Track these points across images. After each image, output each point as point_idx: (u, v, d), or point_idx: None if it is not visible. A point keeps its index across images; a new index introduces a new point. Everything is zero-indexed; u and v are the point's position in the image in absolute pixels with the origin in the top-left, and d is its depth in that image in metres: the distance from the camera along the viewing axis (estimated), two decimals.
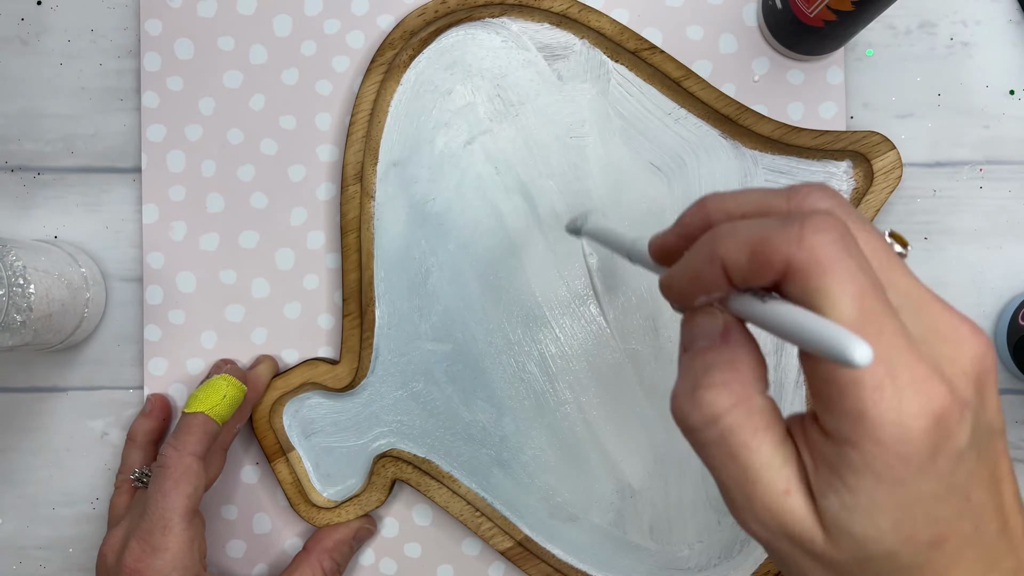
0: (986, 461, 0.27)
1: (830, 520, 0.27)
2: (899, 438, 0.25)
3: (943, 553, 0.27)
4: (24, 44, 0.49)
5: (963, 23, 0.49)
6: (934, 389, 0.25)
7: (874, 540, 0.26)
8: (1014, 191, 0.49)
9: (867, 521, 0.26)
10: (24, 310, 0.41)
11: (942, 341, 0.27)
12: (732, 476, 0.27)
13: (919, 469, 0.25)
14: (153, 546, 0.40)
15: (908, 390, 0.25)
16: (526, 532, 0.47)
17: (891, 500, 0.26)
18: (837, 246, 0.25)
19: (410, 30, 0.47)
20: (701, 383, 0.28)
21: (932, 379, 0.25)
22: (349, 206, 0.47)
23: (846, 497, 0.26)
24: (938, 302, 0.27)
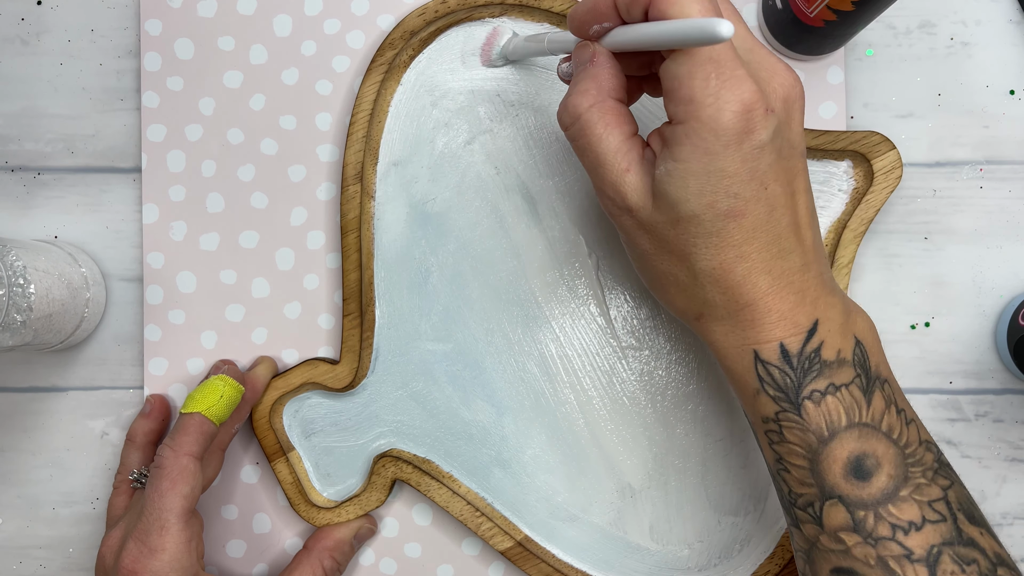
0: (785, 167, 0.35)
1: (656, 186, 0.35)
2: (714, 116, 0.33)
3: (739, 226, 0.35)
4: (24, 44, 0.49)
5: (963, 23, 0.49)
6: (746, 86, 0.33)
7: (683, 201, 0.34)
8: (1014, 191, 0.49)
9: (680, 183, 0.34)
10: (24, 310, 0.41)
11: (763, 70, 0.35)
12: (590, 161, 0.37)
13: (726, 145, 0.33)
14: (150, 547, 0.40)
15: (728, 83, 0.33)
16: (526, 532, 0.47)
17: (700, 167, 0.34)
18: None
19: (410, 30, 0.47)
20: (572, 92, 0.37)
21: (747, 80, 0.33)
22: (349, 206, 0.47)
23: (670, 164, 0.34)
24: (767, 51, 0.36)
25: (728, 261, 0.35)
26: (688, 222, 0.35)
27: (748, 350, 0.36)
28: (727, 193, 0.34)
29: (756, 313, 0.36)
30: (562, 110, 0.37)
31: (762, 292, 0.35)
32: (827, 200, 0.48)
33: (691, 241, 0.35)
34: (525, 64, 0.48)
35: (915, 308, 0.49)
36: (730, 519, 0.48)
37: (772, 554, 0.47)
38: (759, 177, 0.34)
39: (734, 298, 0.36)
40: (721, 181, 0.34)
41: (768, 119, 0.34)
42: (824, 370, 0.36)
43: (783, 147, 0.35)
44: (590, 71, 0.37)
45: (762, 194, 0.35)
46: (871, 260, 0.49)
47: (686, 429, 0.48)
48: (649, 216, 0.36)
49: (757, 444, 0.40)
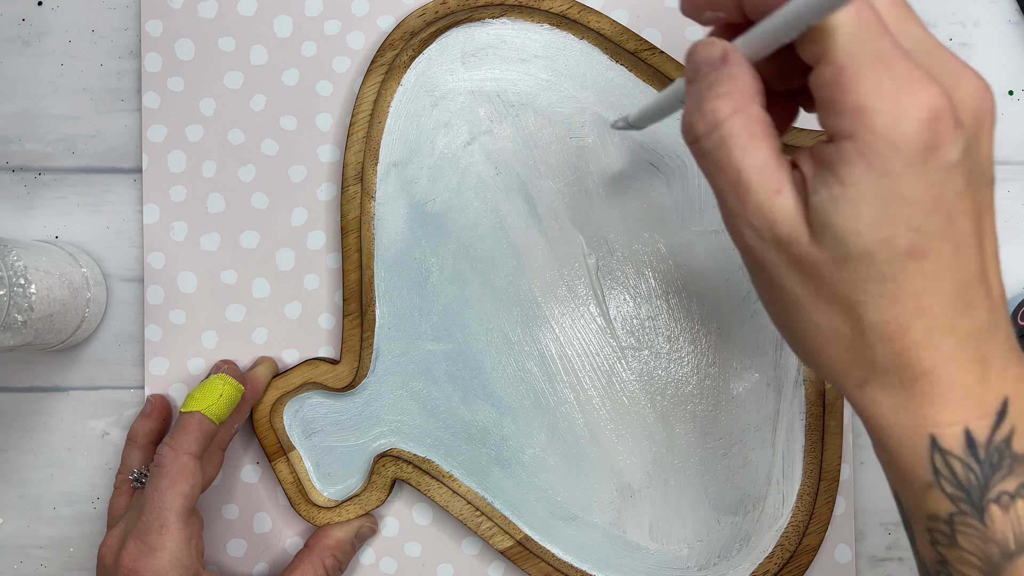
0: (975, 198, 0.28)
1: (816, 215, 0.28)
2: (893, 126, 0.27)
3: (920, 269, 0.28)
4: (25, 44, 0.49)
5: (962, 24, 0.49)
6: (931, 90, 0.27)
7: (854, 234, 0.27)
8: (1013, 192, 0.49)
9: (851, 211, 0.27)
10: (25, 310, 0.41)
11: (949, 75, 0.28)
12: (728, 180, 0.29)
13: (908, 164, 0.27)
14: (150, 546, 0.40)
15: (908, 85, 0.27)
16: (526, 531, 0.48)
17: (876, 190, 0.27)
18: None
19: (410, 31, 0.47)
20: (705, 96, 0.30)
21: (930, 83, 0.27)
22: (349, 206, 0.47)
23: (835, 188, 0.28)
24: (948, 51, 0.29)
25: (905, 314, 0.28)
26: (858, 261, 0.28)
27: (923, 434, 0.29)
28: (908, 226, 0.27)
29: (936, 386, 0.28)
30: (695, 117, 0.30)
31: (944, 358, 0.28)
32: None
33: (860, 287, 0.28)
34: (525, 64, 0.48)
35: None
36: (729, 519, 0.48)
37: (771, 554, 0.48)
38: (945, 207, 0.27)
39: (909, 364, 0.28)
40: (901, 209, 0.27)
41: (958, 134, 0.27)
42: (1016, 466, 0.28)
43: (973, 172, 0.28)
44: (725, 71, 0.30)
45: (949, 229, 0.28)
46: None
47: (686, 429, 0.48)
48: (806, 252, 0.29)
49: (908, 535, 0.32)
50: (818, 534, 0.47)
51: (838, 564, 0.49)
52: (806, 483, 0.48)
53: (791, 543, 0.47)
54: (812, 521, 0.47)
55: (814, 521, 0.47)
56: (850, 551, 0.49)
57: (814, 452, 0.48)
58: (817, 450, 0.47)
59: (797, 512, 0.47)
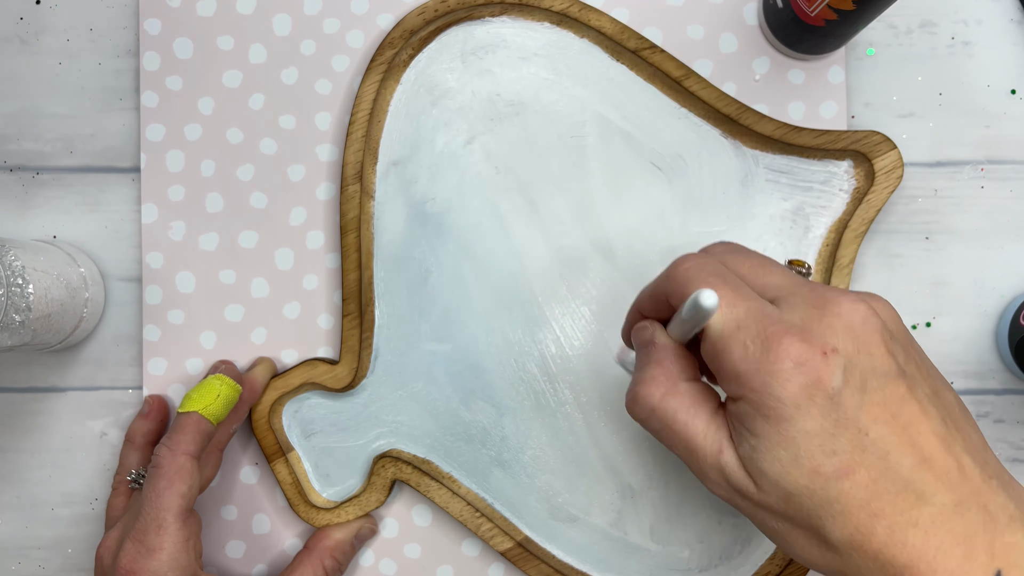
0: (879, 401, 0.31)
1: (749, 465, 0.32)
2: (767, 383, 0.31)
3: (855, 484, 0.30)
4: (23, 43, 0.49)
5: (964, 22, 0.49)
6: (787, 341, 0.31)
7: (783, 475, 0.31)
8: (1015, 191, 0.49)
9: (771, 458, 0.31)
10: (23, 310, 0.41)
11: (811, 308, 0.32)
12: (682, 451, 0.34)
13: (796, 407, 0.30)
14: (148, 546, 0.40)
15: (767, 343, 0.31)
16: (526, 533, 0.47)
17: (782, 435, 0.31)
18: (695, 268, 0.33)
19: (410, 29, 0.47)
20: (636, 382, 0.35)
21: (785, 335, 0.31)
22: (349, 206, 0.47)
23: (751, 440, 0.31)
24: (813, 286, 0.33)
25: (863, 524, 0.30)
26: (800, 496, 0.31)
27: None
28: (824, 453, 0.30)
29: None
30: (631, 402, 0.35)
31: (917, 551, 0.30)
32: (828, 200, 0.48)
33: (814, 513, 0.31)
34: (525, 63, 0.48)
35: (916, 308, 0.49)
36: (731, 520, 0.48)
37: (773, 555, 0.47)
38: (851, 425, 0.30)
39: (886, 564, 0.30)
40: (811, 443, 0.30)
41: (831, 360, 0.30)
42: None
43: (868, 380, 0.31)
44: (653, 355, 0.35)
45: (864, 441, 0.30)
46: (872, 260, 0.49)
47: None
48: (758, 497, 0.32)
49: None
50: None
51: None
52: None
53: None
54: None
55: None
56: None
57: None
58: None
59: None
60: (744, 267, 0.34)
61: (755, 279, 0.34)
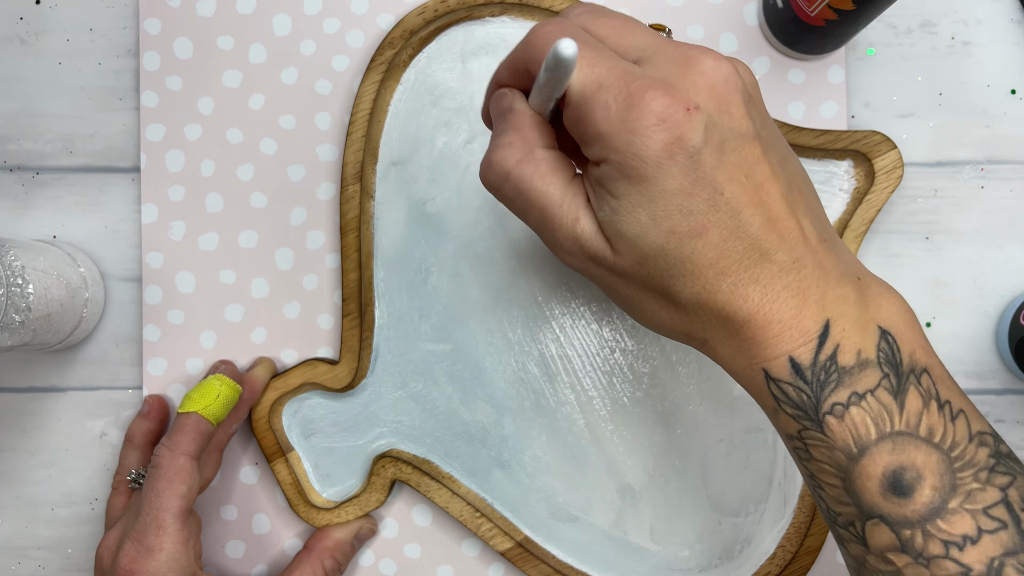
0: (736, 161, 0.31)
1: (607, 229, 0.32)
2: (630, 141, 0.30)
3: (706, 243, 0.31)
4: (23, 43, 0.49)
5: (964, 22, 0.49)
6: (651, 95, 0.30)
7: (641, 236, 0.31)
8: (1015, 191, 0.49)
9: (630, 219, 0.31)
10: (23, 310, 0.41)
11: (675, 66, 0.31)
12: (535, 220, 0.33)
13: (657, 165, 0.30)
14: (147, 547, 0.40)
15: (629, 100, 0.30)
16: (526, 533, 0.47)
17: (643, 195, 0.31)
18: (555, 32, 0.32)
19: (410, 29, 0.47)
20: (491, 148, 0.34)
21: (649, 88, 0.30)
22: (349, 206, 0.47)
23: (611, 201, 0.31)
24: (677, 44, 0.32)
25: (709, 283, 0.31)
26: (654, 257, 0.32)
27: (758, 369, 0.32)
28: (680, 212, 0.31)
29: (755, 329, 0.32)
30: (486, 169, 0.34)
31: (756, 304, 0.31)
32: (828, 200, 0.48)
33: (665, 274, 0.32)
34: None
35: (916, 308, 0.49)
36: (731, 520, 0.48)
37: (773, 555, 0.47)
38: (708, 184, 0.31)
39: (728, 318, 0.32)
40: (670, 202, 0.31)
41: (693, 118, 0.30)
42: (844, 378, 0.31)
43: (726, 140, 0.31)
44: (511, 121, 0.34)
45: (719, 200, 0.31)
46: (872, 260, 0.49)
47: (686, 429, 0.48)
48: (613, 262, 0.32)
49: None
50: (820, 535, 0.47)
51: (840, 566, 0.49)
52: None
53: (793, 544, 0.47)
54: (814, 522, 0.47)
55: (816, 522, 0.47)
56: None
57: None
58: None
59: (799, 513, 0.47)
60: (606, 29, 0.33)
61: (618, 41, 0.33)
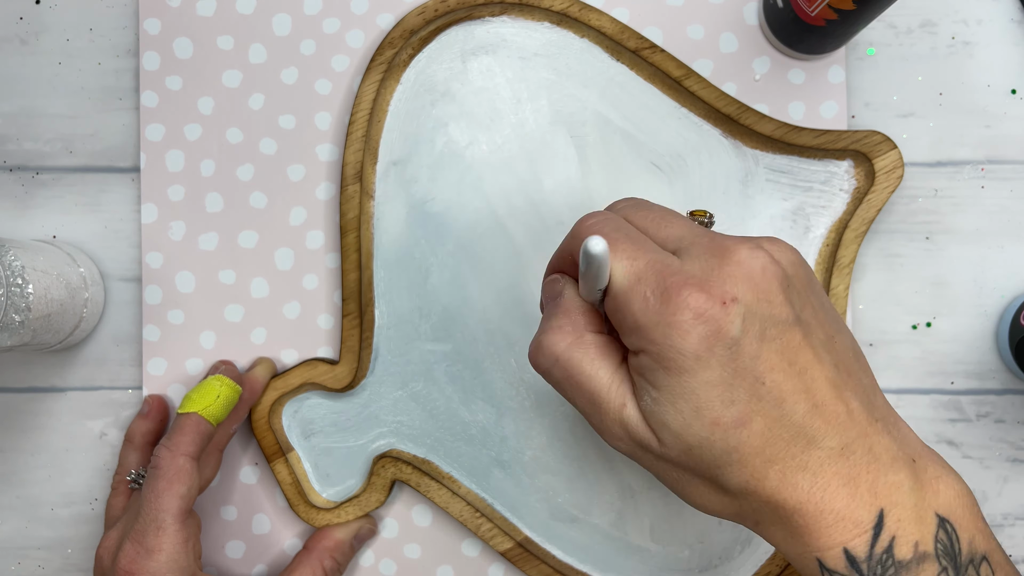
0: (777, 348, 0.31)
1: (651, 419, 0.32)
2: (667, 334, 0.31)
3: (752, 433, 0.31)
4: (23, 43, 0.49)
5: (964, 22, 0.49)
6: (687, 292, 0.31)
7: (684, 428, 0.31)
8: (1016, 191, 0.49)
9: (673, 410, 0.31)
10: (23, 310, 0.41)
11: (712, 258, 0.32)
12: (583, 403, 0.34)
13: (696, 357, 0.31)
14: (147, 547, 0.40)
15: (665, 295, 0.31)
16: (526, 533, 0.47)
17: (683, 387, 0.31)
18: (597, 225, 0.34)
19: (410, 29, 0.47)
20: (541, 331, 0.35)
21: (685, 283, 0.31)
22: (349, 206, 0.47)
23: (653, 392, 0.32)
24: (713, 235, 0.33)
25: (757, 471, 0.31)
26: (700, 448, 0.31)
27: (811, 558, 0.31)
28: (723, 403, 0.31)
29: (806, 518, 0.31)
30: (536, 351, 0.35)
31: (805, 493, 0.31)
32: (828, 200, 0.47)
33: (712, 463, 0.32)
34: (524, 64, 0.48)
35: (916, 308, 0.49)
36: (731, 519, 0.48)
37: (773, 555, 0.47)
38: (749, 374, 0.31)
39: (778, 506, 0.31)
40: (711, 393, 0.31)
41: (731, 310, 0.31)
42: (901, 572, 0.31)
43: (766, 329, 0.31)
44: (562, 305, 0.35)
45: (761, 390, 0.31)
46: (872, 260, 0.49)
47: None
48: (660, 451, 0.32)
49: None
50: None
51: None
52: None
53: None
54: None
55: None
56: None
57: None
58: None
59: None
60: (646, 220, 0.34)
61: (657, 232, 0.34)
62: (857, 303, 0.49)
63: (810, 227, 0.48)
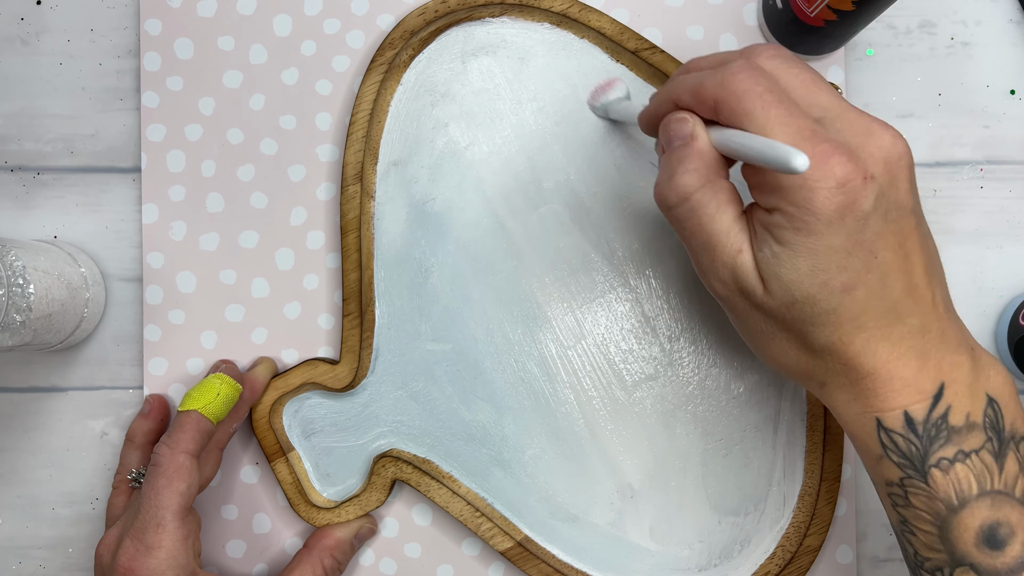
0: (894, 230, 0.34)
1: (764, 269, 0.34)
2: (808, 198, 0.32)
3: (853, 299, 0.34)
4: (24, 44, 0.49)
5: (963, 23, 0.49)
6: (835, 160, 0.32)
7: (796, 283, 0.34)
8: (1015, 191, 0.49)
9: (790, 266, 0.34)
10: (24, 310, 0.41)
11: (856, 135, 0.34)
12: (700, 242, 0.36)
13: (828, 223, 0.32)
14: (147, 545, 0.40)
15: (815, 160, 0.32)
16: (526, 532, 0.47)
17: (807, 247, 0.33)
18: (750, 81, 0.34)
19: (410, 30, 0.47)
20: (676, 171, 0.36)
21: (834, 154, 0.32)
22: (349, 206, 0.47)
23: (775, 247, 0.34)
24: (859, 112, 0.34)
25: (846, 334, 0.34)
26: (804, 303, 0.34)
27: (871, 417, 0.35)
28: (838, 268, 0.33)
29: (878, 382, 0.35)
30: (667, 190, 0.36)
31: (883, 360, 0.35)
32: None
33: (808, 319, 0.34)
34: (525, 65, 0.48)
35: None
36: (730, 519, 0.48)
37: (772, 554, 0.47)
38: (867, 247, 0.33)
39: (854, 368, 0.35)
40: (831, 258, 0.33)
41: (868, 187, 0.33)
42: (952, 436, 0.34)
43: (889, 211, 0.34)
44: (694, 147, 0.35)
45: (872, 263, 0.34)
46: None
47: (686, 429, 0.48)
48: (762, 300, 0.35)
49: (880, 502, 0.39)
50: (819, 535, 0.47)
51: (839, 565, 0.49)
52: (807, 484, 0.47)
53: (792, 544, 0.47)
54: (813, 522, 0.47)
55: (815, 522, 0.47)
56: (851, 552, 0.49)
57: (815, 453, 0.47)
58: (818, 451, 0.47)
59: (798, 513, 0.47)
60: (796, 81, 0.35)
61: (805, 95, 0.35)
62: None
63: None
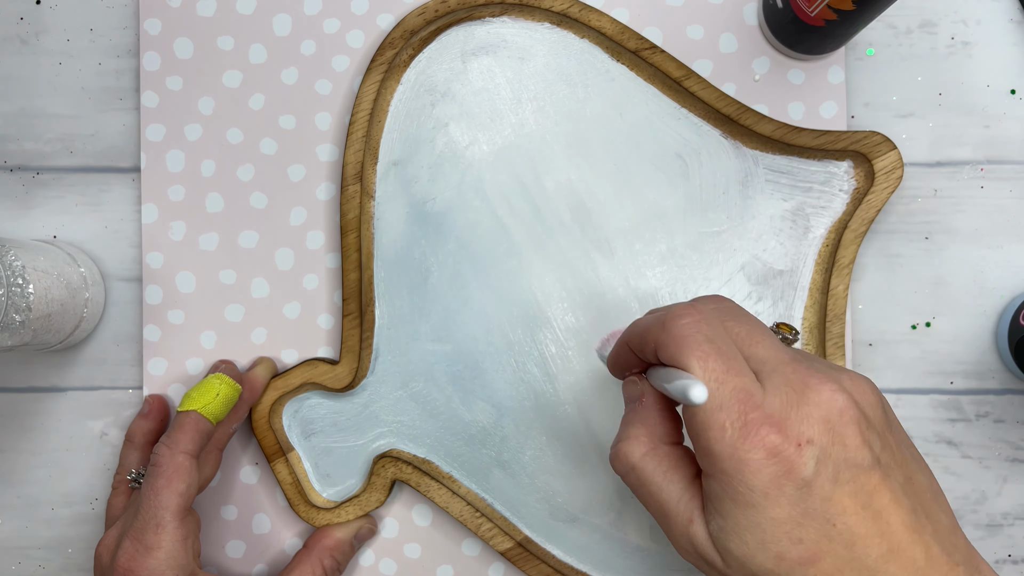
0: (851, 491, 0.31)
1: (717, 542, 0.32)
2: (739, 468, 0.31)
3: (820, 570, 0.31)
4: (23, 43, 0.49)
5: (964, 22, 0.49)
6: (764, 429, 0.31)
7: (749, 557, 0.31)
8: (1015, 191, 0.49)
9: (738, 540, 0.31)
10: (23, 310, 0.41)
11: (794, 393, 0.32)
12: (654, 511, 0.34)
13: (765, 495, 0.31)
14: (146, 545, 0.40)
15: (744, 430, 0.31)
16: (526, 533, 0.47)
17: (749, 521, 0.31)
18: (690, 328, 0.33)
19: (410, 29, 0.47)
20: (620, 438, 0.35)
21: (765, 422, 0.31)
22: (349, 206, 0.47)
23: (719, 520, 0.32)
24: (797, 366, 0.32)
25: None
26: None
27: None
28: (791, 540, 0.31)
29: None
30: (614, 457, 0.35)
31: None
32: (828, 200, 0.48)
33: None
34: (525, 64, 0.48)
35: (916, 308, 0.49)
36: None
37: None
38: (819, 515, 0.31)
39: None
40: (778, 530, 0.31)
41: (804, 452, 0.30)
42: None
43: (840, 471, 0.31)
44: (639, 413, 0.35)
45: (832, 532, 0.31)
46: (872, 260, 0.49)
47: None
48: (723, 571, 0.33)
49: None
50: None
51: None
52: None
53: None
54: None
55: None
56: None
57: None
58: None
59: None
60: (736, 332, 0.34)
61: (744, 348, 0.34)
62: (857, 303, 0.49)
63: (810, 227, 0.48)
